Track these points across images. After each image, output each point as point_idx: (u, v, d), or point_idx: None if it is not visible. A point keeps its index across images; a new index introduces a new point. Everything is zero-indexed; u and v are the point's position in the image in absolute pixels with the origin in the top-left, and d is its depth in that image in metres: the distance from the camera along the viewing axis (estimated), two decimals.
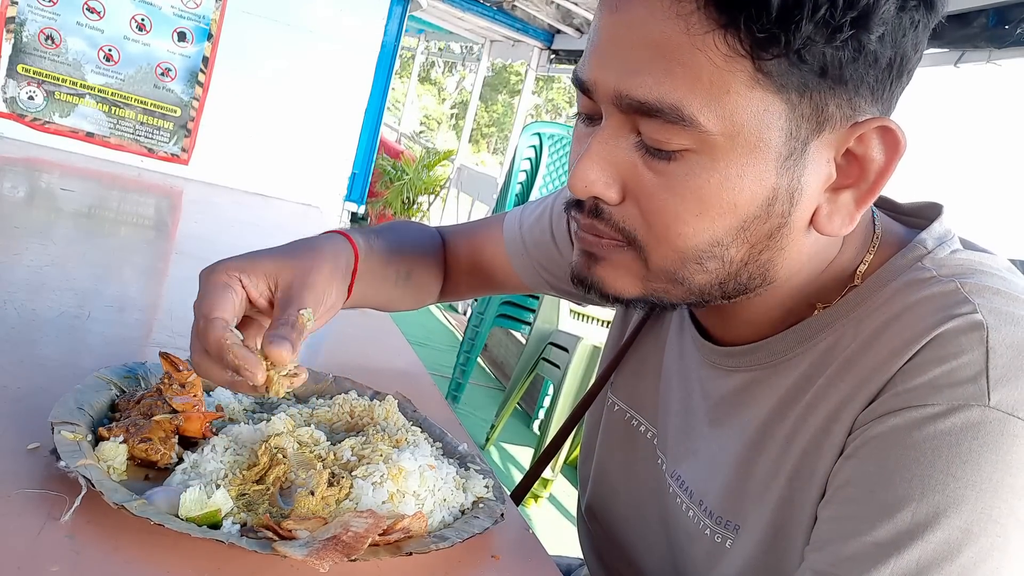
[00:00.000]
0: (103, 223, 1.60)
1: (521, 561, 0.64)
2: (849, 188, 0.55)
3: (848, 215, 0.56)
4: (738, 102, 0.50)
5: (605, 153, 0.55)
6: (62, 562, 0.48)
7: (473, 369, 3.80)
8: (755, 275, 0.58)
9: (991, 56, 2.61)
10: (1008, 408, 0.48)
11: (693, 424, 0.70)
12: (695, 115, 0.50)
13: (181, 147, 2.28)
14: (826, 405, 0.57)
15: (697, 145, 0.51)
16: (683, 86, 0.50)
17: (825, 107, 0.51)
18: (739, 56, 0.49)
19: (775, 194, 0.53)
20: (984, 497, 0.48)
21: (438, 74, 21.74)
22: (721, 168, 0.52)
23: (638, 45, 0.51)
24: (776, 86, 0.50)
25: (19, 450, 0.58)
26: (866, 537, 0.50)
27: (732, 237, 0.55)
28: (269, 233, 1.97)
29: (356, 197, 2.56)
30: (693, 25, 0.49)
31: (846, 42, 0.48)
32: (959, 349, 0.51)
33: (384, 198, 6.66)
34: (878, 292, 0.58)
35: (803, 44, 0.48)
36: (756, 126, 0.51)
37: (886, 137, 0.54)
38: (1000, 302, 0.53)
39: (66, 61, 2.12)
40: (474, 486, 0.68)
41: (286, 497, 0.60)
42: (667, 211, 0.54)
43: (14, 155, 1.96)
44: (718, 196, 0.53)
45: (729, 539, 0.63)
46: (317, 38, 2.38)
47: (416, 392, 0.87)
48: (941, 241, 0.60)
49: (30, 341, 0.81)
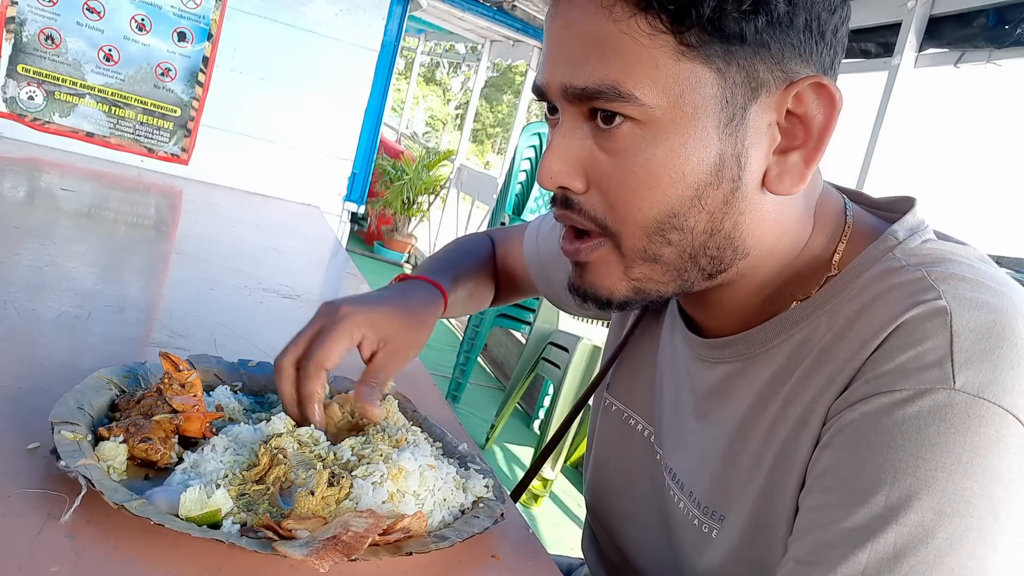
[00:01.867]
0: (103, 223, 1.60)
1: (521, 561, 0.64)
2: (797, 149, 0.58)
3: (798, 174, 0.58)
4: (669, 75, 0.54)
5: (565, 146, 0.60)
6: (62, 562, 0.48)
7: (473, 369, 3.80)
8: (724, 246, 0.60)
9: (991, 56, 2.61)
10: (973, 390, 0.49)
11: (683, 418, 0.71)
12: (632, 91, 0.54)
13: (181, 147, 2.28)
14: (803, 396, 0.58)
15: (641, 117, 0.55)
16: (618, 68, 0.55)
17: (755, 72, 0.55)
18: (661, 33, 0.53)
19: (721, 159, 0.56)
20: (955, 478, 0.48)
21: (443, 75, 21.73)
22: (664, 140, 0.56)
23: (575, 41, 0.56)
24: (702, 56, 0.54)
25: (19, 450, 0.59)
26: (843, 524, 0.51)
27: (688, 206, 0.57)
28: (269, 233, 1.98)
29: (356, 197, 2.56)
30: (616, 13, 0.54)
31: (755, 8, 0.52)
32: (924, 335, 0.52)
33: (384, 198, 6.65)
34: (851, 283, 0.59)
35: (713, 13, 0.52)
36: (691, 96, 0.55)
37: (822, 94, 0.56)
38: (964, 288, 0.54)
39: (66, 61, 2.12)
40: (474, 486, 0.68)
41: (286, 497, 0.60)
42: (624, 188, 0.58)
43: (14, 155, 1.96)
44: (666, 167, 0.56)
45: (715, 529, 0.64)
46: (317, 38, 2.38)
47: (416, 392, 0.87)
48: (912, 232, 0.61)
49: (30, 341, 0.81)
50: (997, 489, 0.48)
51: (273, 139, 2.41)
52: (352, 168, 2.53)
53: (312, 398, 0.69)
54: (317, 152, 2.47)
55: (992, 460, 0.48)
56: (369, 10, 2.41)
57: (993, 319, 0.52)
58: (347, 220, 2.58)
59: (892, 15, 2.78)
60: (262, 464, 0.62)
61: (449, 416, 0.90)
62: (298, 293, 1.34)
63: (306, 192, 2.47)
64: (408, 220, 6.92)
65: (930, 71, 2.89)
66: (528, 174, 3.72)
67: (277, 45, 2.35)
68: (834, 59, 0.58)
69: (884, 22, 2.86)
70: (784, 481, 0.58)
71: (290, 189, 2.45)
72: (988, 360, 0.50)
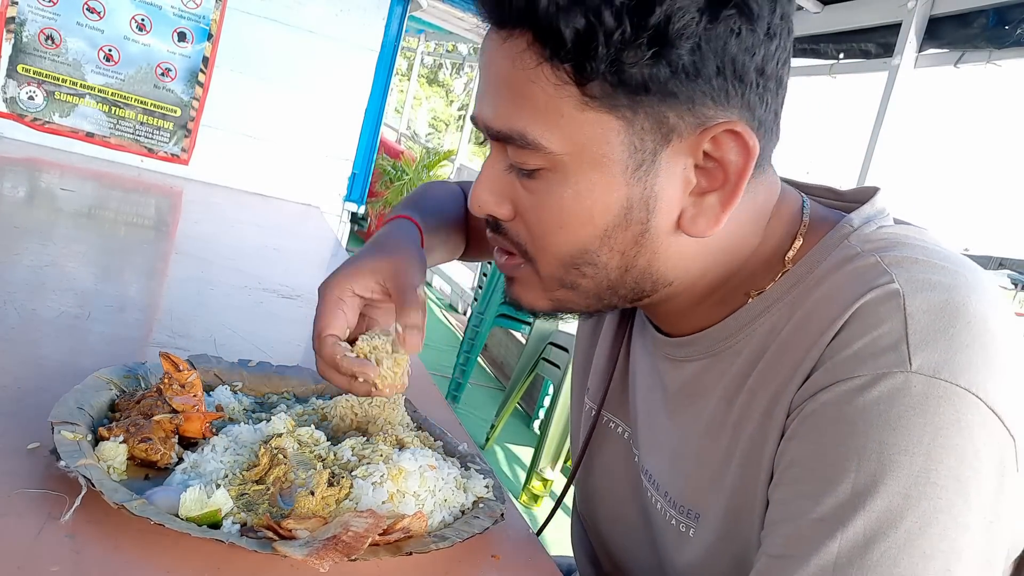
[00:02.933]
0: (103, 223, 1.60)
1: (521, 561, 0.64)
2: (715, 191, 0.58)
3: (713, 216, 0.58)
4: (573, 125, 0.55)
5: (492, 176, 0.62)
6: (62, 562, 0.48)
7: (473, 369, 3.80)
8: (641, 280, 0.61)
9: (991, 56, 2.61)
10: (930, 371, 0.49)
11: (656, 418, 0.71)
12: (538, 139, 0.56)
13: (181, 147, 2.28)
14: (767, 388, 0.58)
15: (549, 164, 0.57)
16: (527, 115, 0.56)
17: (665, 119, 0.55)
18: (565, 84, 0.54)
19: (629, 202, 0.57)
20: (917, 460, 0.48)
21: (445, 76, 21.70)
22: (572, 183, 0.57)
23: (494, 84, 0.58)
24: (607, 106, 0.54)
25: (19, 450, 0.59)
26: (812, 514, 0.51)
27: (598, 244, 0.59)
28: (269, 233, 1.98)
29: (356, 197, 2.56)
30: (525, 62, 0.55)
31: (656, 59, 0.52)
32: (879, 319, 0.52)
33: (384, 198, 6.65)
34: (809, 274, 0.60)
35: (611, 67, 0.52)
36: (595, 144, 0.56)
37: (737, 139, 0.56)
38: (917, 270, 0.54)
39: (66, 61, 2.12)
40: (474, 486, 0.68)
41: (286, 497, 0.60)
42: (540, 224, 0.60)
43: (14, 155, 1.96)
44: (574, 208, 0.58)
45: (692, 528, 0.65)
46: (317, 38, 2.38)
47: (416, 392, 0.87)
48: (868, 220, 0.62)
49: (30, 341, 0.81)
50: (963, 469, 0.48)
51: (273, 139, 2.41)
52: (352, 168, 2.53)
53: (335, 365, 0.66)
54: (317, 152, 2.47)
55: (955, 440, 0.48)
56: (369, 10, 2.41)
57: (946, 298, 0.52)
58: (347, 220, 2.58)
59: (892, 15, 2.78)
60: (262, 464, 0.62)
61: (449, 416, 0.90)
62: (298, 293, 1.34)
63: (306, 192, 2.47)
64: None
65: (930, 71, 2.90)
66: None
67: (277, 45, 2.35)
68: (764, 97, 0.57)
69: (884, 22, 2.86)
70: (755, 475, 0.58)
71: (290, 189, 2.45)
72: (943, 340, 0.50)
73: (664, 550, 0.69)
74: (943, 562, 0.48)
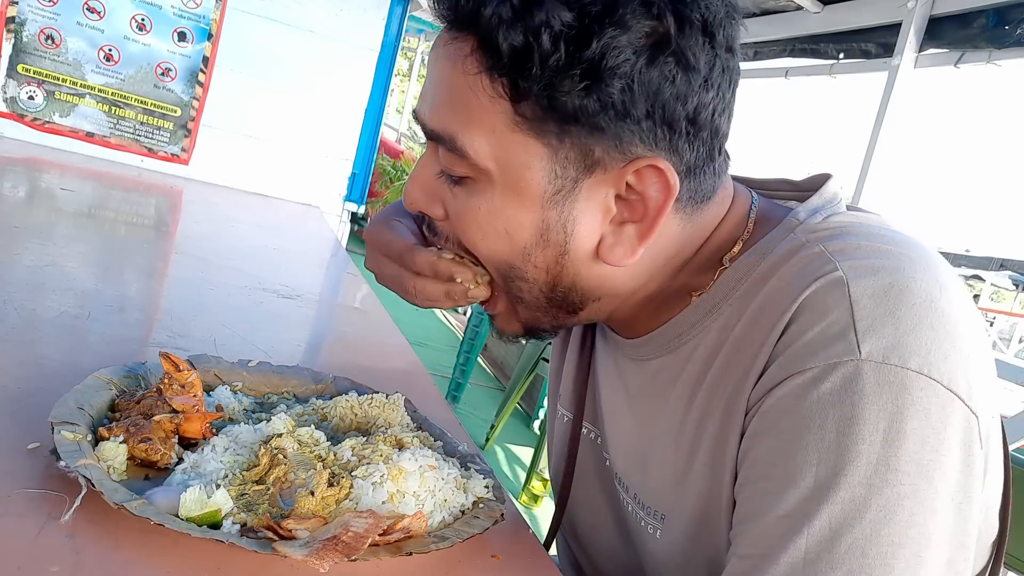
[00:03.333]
0: (103, 223, 1.60)
1: (521, 561, 0.64)
2: (634, 223, 0.58)
3: (630, 247, 0.58)
4: (501, 142, 0.55)
5: (425, 175, 0.62)
6: (62, 562, 0.48)
7: (473, 369, 3.80)
8: (570, 294, 0.62)
9: (991, 56, 2.61)
10: (879, 357, 0.49)
11: (620, 419, 0.71)
12: (465, 146, 0.56)
13: (181, 147, 2.28)
14: (725, 387, 0.58)
15: (473, 174, 0.57)
16: (460, 120, 0.56)
17: (591, 151, 0.55)
18: (500, 98, 0.54)
19: (546, 225, 0.58)
20: (875, 447, 0.48)
21: None
22: (490, 198, 0.57)
23: (435, 82, 0.58)
24: (536, 131, 0.54)
25: (19, 450, 0.58)
26: (776, 511, 0.51)
27: (520, 260, 0.59)
28: (269, 233, 1.98)
29: (356, 197, 2.56)
30: (467, 67, 0.55)
31: (587, 92, 0.52)
32: (825, 308, 0.52)
33: (384, 198, 6.65)
34: (755, 267, 0.59)
35: (544, 90, 0.52)
36: (517, 165, 0.56)
37: (660, 176, 0.56)
38: (859, 255, 0.54)
39: (66, 61, 2.13)
40: (474, 486, 0.68)
41: (286, 497, 0.60)
42: (463, 230, 0.61)
43: (14, 155, 1.96)
44: (490, 223, 0.58)
45: (659, 529, 0.64)
46: (317, 38, 2.38)
47: (416, 392, 0.87)
48: (816, 210, 0.61)
49: (30, 341, 0.81)
50: (924, 452, 0.48)
51: (273, 139, 2.41)
52: (352, 168, 2.53)
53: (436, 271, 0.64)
54: (317, 152, 2.47)
55: (912, 424, 0.48)
56: (369, 10, 2.41)
57: (889, 281, 0.51)
58: (347, 220, 2.58)
59: (892, 15, 2.78)
60: (262, 464, 0.62)
61: (449, 416, 0.90)
62: (298, 293, 1.34)
63: (306, 192, 2.47)
64: None
65: (930, 71, 2.90)
66: None
67: (277, 45, 2.35)
68: (694, 144, 0.56)
69: (884, 22, 2.86)
70: (719, 475, 0.58)
71: (290, 189, 2.45)
72: (889, 324, 0.50)
73: (638, 553, 0.69)
74: (913, 548, 0.48)
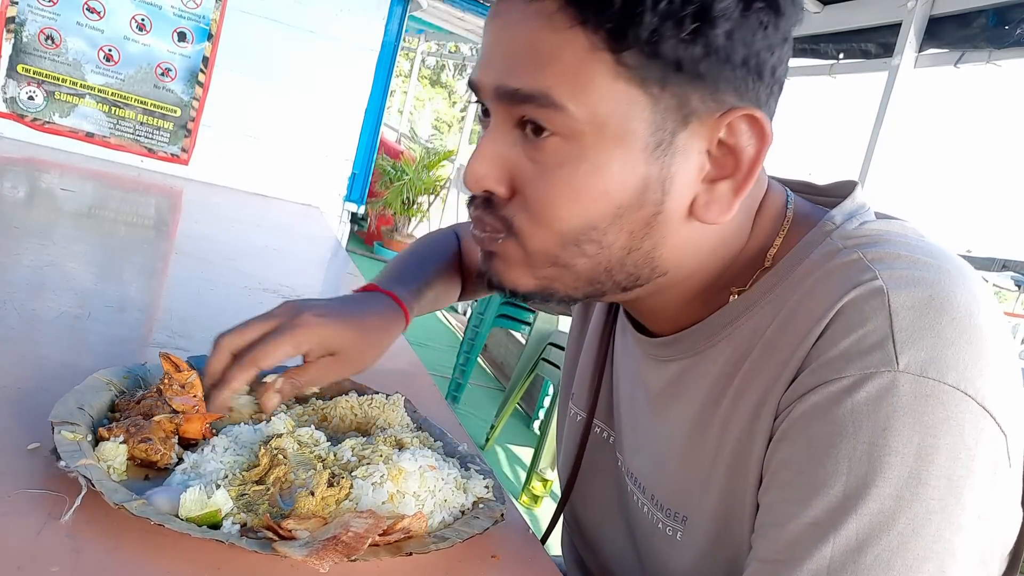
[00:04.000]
0: (103, 223, 1.60)
1: (521, 561, 0.64)
2: (726, 179, 0.57)
3: (726, 204, 0.57)
4: (602, 93, 0.53)
5: (493, 151, 0.58)
6: (62, 562, 0.48)
7: (473, 369, 3.80)
8: (641, 264, 0.60)
9: (991, 56, 2.61)
10: (917, 370, 0.49)
11: (640, 419, 0.70)
12: (564, 102, 0.53)
13: (181, 147, 2.28)
14: (754, 390, 0.57)
15: (568, 132, 0.55)
16: (552, 76, 0.54)
17: (688, 100, 0.54)
18: (599, 50, 0.52)
19: (647, 182, 0.56)
20: (908, 461, 0.48)
21: (448, 77, 21.68)
22: (591, 156, 0.55)
23: (513, 44, 0.55)
24: (638, 79, 0.53)
25: (19, 450, 0.58)
26: (803, 518, 0.50)
27: (608, 223, 0.57)
28: (269, 233, 1.98)
29: (356, 197, 2.56)
30: (557, 23, 0.53)
31: (694, 37, 0.51)
32: (863, 317, 0.51)
33: (384, 198, 6.65)
34: (791, 271, 0.59)
35: (651, 37, 0.51)
36: (621, 116, 0.54)
37: (755, 127, 0.56)
38: (900, 265, 0.54)
39: (66, 61, 2.12)
40: (474, 486, 0.68)
41: (286, 497, 0.60)
42: (545, 198, 0.57)
43: (14, 155, 1.96)
44: (589, 183, 0.56)
45: (679, 531, 0.64)
46: (317, 38, 2.38)
47: (416, 392, 0.87)
48: (850, 215, 0.61)
49: (30, 341, 0.81)
50: (955, 468, 0.48)
51: (273, 139, 2.41)
52: (352, 168, 2.53)
53: (229, 387, 0.67)
54: (317, 152, 2.47)
55: (945, 439, 0.48)
56: (369, 10, 2.41)
57: (930, 294, 0.51)
58: (347, 220, 2.58)
59: (892, 15, 2.78)
60: (262, 464, 0.62)
61: (449, 416, 0.90)
62: (298, 293, 1.34)
63: (306, 192, 2.47)
64: (408, 220, 6.92)
65: (930, 71, 2.90)
66: None
67: (277, 45, 2.35)
68: (770, 97, 0.57)
69: (884, 22, 2.86)
70: (743, 478, 0.58)
71: (290, 189, 2.45)
72: (929, 337, 0.49)
73: (651, 555, 0.68)
74: (937, 563, 0.47)
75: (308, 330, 0.70)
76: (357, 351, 0.74)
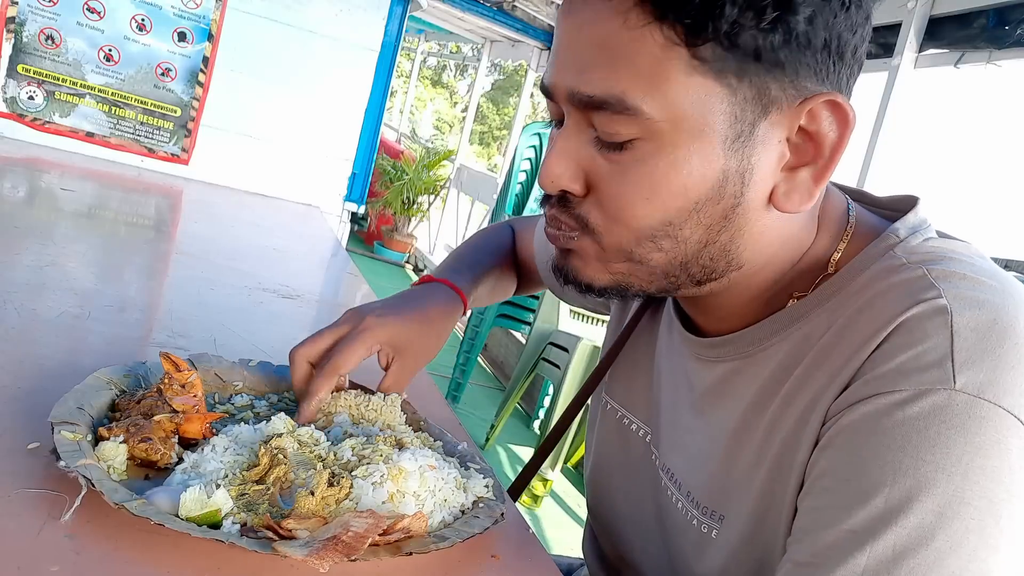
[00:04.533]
0: (103, 223, 1.60)
1: (521, 561, 0.64)
2: (806, 166, 0.57)
3: (807, 192, 0.57)
4: (678, 89, 0.53)
5: (568, 150, 0.58)
6: (62, 562, 0.47)
7: (473, 369, 3.80)
8: (717, 257, 0.59)
9: (991, 56, 2.61)
10: (974, 391, 0.49)
11: (681, 417, 0.70)
12: (639, 104, 0.53)
13: (181, 147, 2.28)
14: (803, 395, 0.57)
15: (644, 133, 0.54)
16: (626, 78, 0.53)
17: (767, 90, 0.53)
18: (674, 45, 0.52)
19: (725, 175, 0.55)
20: (955, 480, 0.48)
21: (449, 77, 21.69)
22: (668, 153, 0.54)
23: (586, 44, 0.55)
24: (714, 72, 0.52)
25: (19, 450, 0.58)
26: (842, 525, 0.50)
27: (685, 218, 0.56)
28: (269, 233, 1.97)
29: (356, 197, 2.56)
30: (631, 21, 0.52)
31: (774, 25, 0.51)
32: (924, 334, 0.51)
33: (384, 198, 6.65)
34: (851, 281, 0.59)
35: (731, 29, 0.50)
36: (699, 111, 0.53)
37: (836, 112, 0.55)
38: (965, 286, 0.53)
39: (66, 61, 2.12)
40: (474, 486, 0.67)
41: (286, 497, 0.60)
42: (621, 196, 0.57)
43: (14, 155, 1.96)
44: (668, 180, 0.55)
45: (715, 529, 0.64)
46: (317, 38, 2.38)
47: (416, 392, 0.87)
48: (914, 230, 0.61)
49: (30, 341, 0.81)
50: (998, 491, 0.48)
51: (273, 139, 2.41)
52: (352, 168, 2.52)
53: (315, 396, 0.72)
54: (317, 152, 2.47)
55: (993, 461, 0.48)
56: (369, 10, 2.41)
57: (994, 318, 0.51)
58: (347, 220, 2.58)
59: (892, 15, 2.78)
60: (262, 464, 0.62)
61: (449, 416, 0.90)
62: (298, 293, 1.34)
63: (306, 192, 2.47)
64: (408, 220, 6.92)
65: (930, 71, 2.90)
66: (528, 174, 3.72)
67: (277, 45, 2.34)
68: (850, 78, 0.57)
69: (884, 22, 2.86)
70: (784, 481, 0.58)
71: (290, 189, 2.45)
72: (989, 360, 0.50)
73: (682, 552, 0.69)
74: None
75: (375, 331, 0.75)
76: (422, 342, 0.80)
